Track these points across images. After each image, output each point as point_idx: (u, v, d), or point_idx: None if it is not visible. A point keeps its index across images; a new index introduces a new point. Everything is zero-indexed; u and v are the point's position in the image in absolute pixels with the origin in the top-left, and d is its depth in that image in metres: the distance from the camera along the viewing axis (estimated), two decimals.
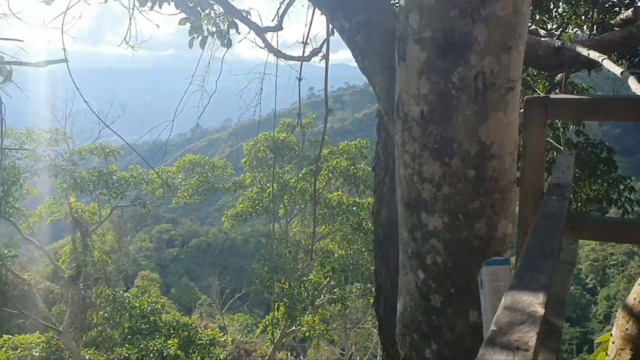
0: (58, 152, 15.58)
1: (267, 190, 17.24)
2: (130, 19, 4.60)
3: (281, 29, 4.58)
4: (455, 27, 1.88)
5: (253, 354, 23.32)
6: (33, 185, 16.02)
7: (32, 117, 17.53)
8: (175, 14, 4.61)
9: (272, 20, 4.70)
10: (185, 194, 17.38)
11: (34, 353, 15.36)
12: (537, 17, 7.12)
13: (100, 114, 15.64)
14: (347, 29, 2.51)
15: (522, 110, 2.19)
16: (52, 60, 2.12)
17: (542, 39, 4.91)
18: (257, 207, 17.56)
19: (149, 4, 4.62)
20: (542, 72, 7.12)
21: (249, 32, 4.66)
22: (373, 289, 15.24)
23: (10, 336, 15.84)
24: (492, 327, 0.99)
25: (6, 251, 16.35)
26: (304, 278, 15.71)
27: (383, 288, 3.11)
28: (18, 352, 15.40)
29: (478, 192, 2.02)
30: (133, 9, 4.49)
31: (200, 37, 5.12)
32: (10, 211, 14.96)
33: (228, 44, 5.25)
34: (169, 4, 4.40)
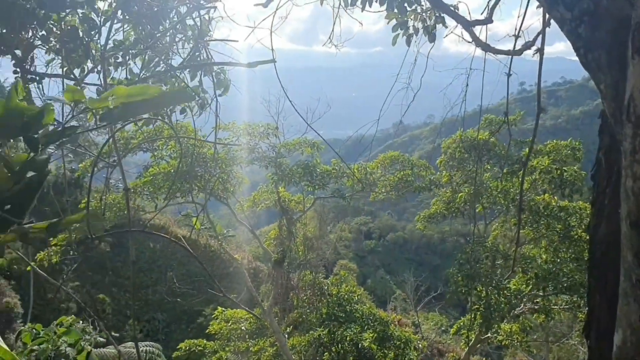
0: (269, 145, 16.82)
1: (459, 195, 16.68)
2: (335, 18, 4.70)
3: (491, 21, 4.31)
4: None
5: (446, 354, 22.95)
6: (248, 175, 17.58)
7: (250, 112, 19.14)
8: (382, 11, 4.61)
9: (482, 13, 4.44)
10: (383, 190, 17.58)
11: (242, 327, 16.94)
12: None
13: (308, 111, 16.56)
14: (568, 19, 2.23)
15: None
16: (261, 61, 2.21)
17: None
18: (451, 208, 17.10)
19: (358, 3, 4.69)
20: None
21: (456, 26, 4.47)
22: (581, 304, 13.94)
23: (223, 309, 17.64)
24: None
25: (225, 231, 18.08)
26: (502, 285, 14.89)
27: (596, 313, 2.74)
28: (229, 324, 17.13)
29: None
30: (339, 9, 4.58)
31: (405, 35, 5.06)
32: (227, 196, 16.71)
33: (432, 39, 5.11)
34: (375, 1, 4.40)
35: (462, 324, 17.11)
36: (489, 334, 16.11)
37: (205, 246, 29.75)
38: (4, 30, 3.10)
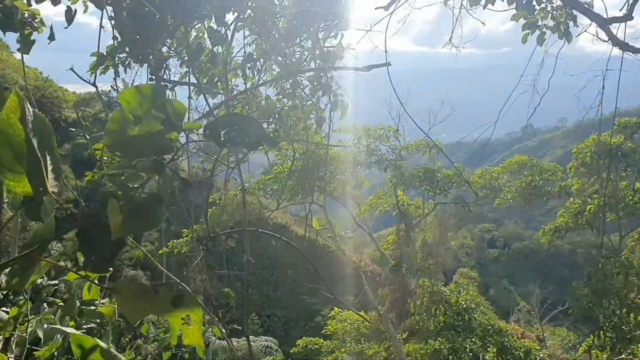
0: (390, 147, 16.71)
1: (589, 207, 15.46)
2: (455, 21, 4.55)
3: (631, 18, 3.93)
4: None
5: None
6: (367, 177, 17.62)
7: (371, 114, 19.15)
8: (508, 10, 4.39)
9: (620, 10, 4.07)
10: (509, 196, 16.81)
11: (358, 328, 17.03)
12: None
13: (431, 113, 16.31)
14: None
15: None
16: (374, 65, 2.18)
17: None
18: (580, 220, 15.87)
19: (482, 2, 4.51)
20: None
21: (590, 24, 4.14)
22: None
23: (340, 310, 17.83)
24: None
25: (343, 232, 18.26)
26: (635, 304, 13.63)
27: None
28: (345, 325, 17.29)
29: None
30: (460, 10, 4.44)
31: (538, 31, 4.79)
32: (346, 198, 16.90)
33: (567, 39, 4.78)
34: (503, 0, 4.19)
35: (591, 342, 15.92)
36: (623, 355, 14.86)
37: (324, 246, 30.28)
38: (138, 41, 3.34)
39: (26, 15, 3.84)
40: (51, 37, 4.07)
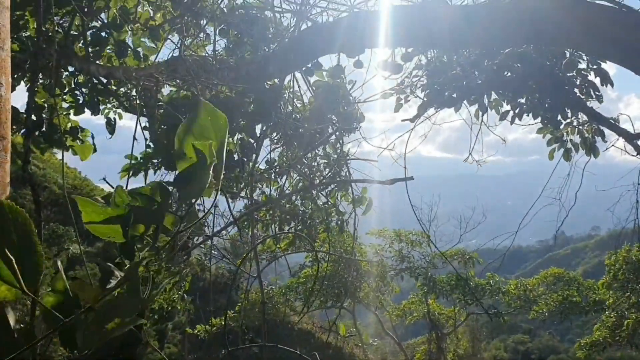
0: (421, 254, 16.53)
1: (627, 322, 14.80)
2: (475, 136, 4.66)
3: None
4: None
5: None
6: (397, 281, 17.30)
7: (401, 219, 19.13)
8: (533, 124, 4.46)
9: None
10: (545, 309, 16.26)
11: None
12: None
13: (463, 219, 16.26)
14: None
15: None
16: (398, 179, 2.19)
17: None
18: (618, 336, 15.13)
19: (508, 117, 4.60)
20: None
21: (618, 138, 4.15)
22: None
23: None
24: None
25: (371, 340, 17.73)
26: None
27: None
28: None
29: None
30: (480, 126, 4.54)
31: (562, 148, 4.85)
32: (376, 304, 16.54)
33: (594, 154, 4.81)
34: (528, 115, 4.27)
35: None
36: None
37: (350, 355, 29.18)
38: (170, 149, 3.47)
39: (69, 126, 4.06)
40: (93, 150, 4.33)
